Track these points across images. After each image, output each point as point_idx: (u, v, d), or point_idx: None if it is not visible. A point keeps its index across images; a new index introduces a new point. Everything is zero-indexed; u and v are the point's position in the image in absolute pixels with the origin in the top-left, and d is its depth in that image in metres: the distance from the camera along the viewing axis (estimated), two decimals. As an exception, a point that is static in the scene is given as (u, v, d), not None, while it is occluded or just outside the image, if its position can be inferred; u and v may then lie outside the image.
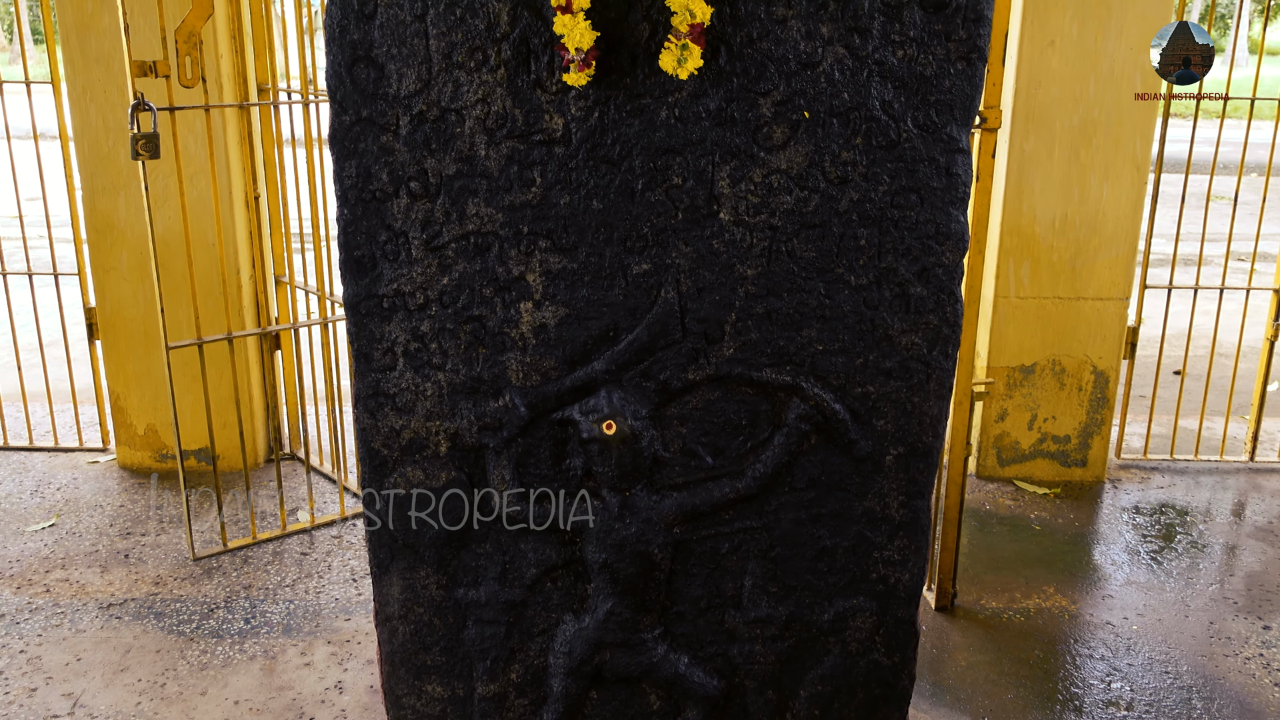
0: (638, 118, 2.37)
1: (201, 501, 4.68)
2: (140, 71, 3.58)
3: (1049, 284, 4.65)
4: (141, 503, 4.68)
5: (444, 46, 2.34)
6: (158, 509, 4.61)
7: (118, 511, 4.60)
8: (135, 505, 4.66)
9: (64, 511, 4.61)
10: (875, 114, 2.35)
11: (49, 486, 4.86)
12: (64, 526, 4.47)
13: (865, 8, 2.29)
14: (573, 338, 2.52)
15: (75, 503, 4.69)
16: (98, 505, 4.67)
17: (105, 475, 4.96)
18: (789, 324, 2.50)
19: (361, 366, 2.59)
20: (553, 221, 2.44)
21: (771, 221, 2.43)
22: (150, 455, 5.01)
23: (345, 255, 2.50)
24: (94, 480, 4.91)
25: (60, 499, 4.73)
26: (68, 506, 4.66)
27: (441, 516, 2.66)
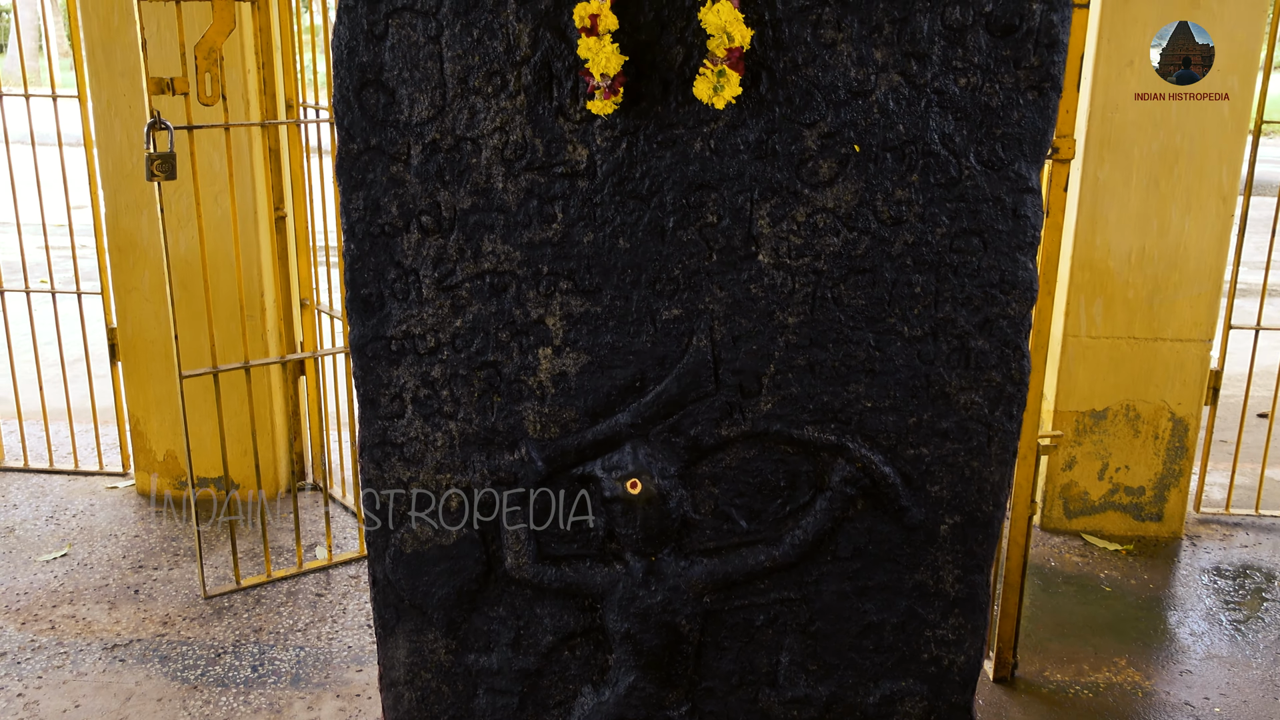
0: (669, 150, 2.20)
1: (219, 533, 4.58)
2: (157, 88, 3.48)
3: (1124, 323, 4.41)
4: (157, 533, 4.60)
5: (460, 70, 2.19)
6: (172, 540, 4.52)
7: (132, 542, 4.51)
8: (150, 536, 4.57)
9: (77, 540, 4.54)
10: (934, 148, 2.16)
11: (65, 513, 4.79)
12: (76, 557, 4.39)
13: (924, 31, 2.11)
14: (595, 388, 2.36)
15: (90, 531, 4.62)
16: (112, 534, 4.59)
17: (123, 502, 4.89)
18: (834, 378, 2.31)
19: (367, 413, 2.44)
20: (575, 261, 2.28)
21: (816, 265, 2.24)
22: (169, 482, 4.93)
23: (351, 293, 2.36)
24: (111, 507, 4.84)
25: (75, 527, 4.66)
26: (82, 535, 4.58)
27: (451, 576, 2.50)
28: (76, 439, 5.45)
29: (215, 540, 4.51)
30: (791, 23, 2.13)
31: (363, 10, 2.18)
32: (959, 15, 2.10)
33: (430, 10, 2.17)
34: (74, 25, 4.51)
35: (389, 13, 2.18)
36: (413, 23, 2.18)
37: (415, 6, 2.17)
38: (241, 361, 3.94)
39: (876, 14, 2.11)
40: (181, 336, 4.43)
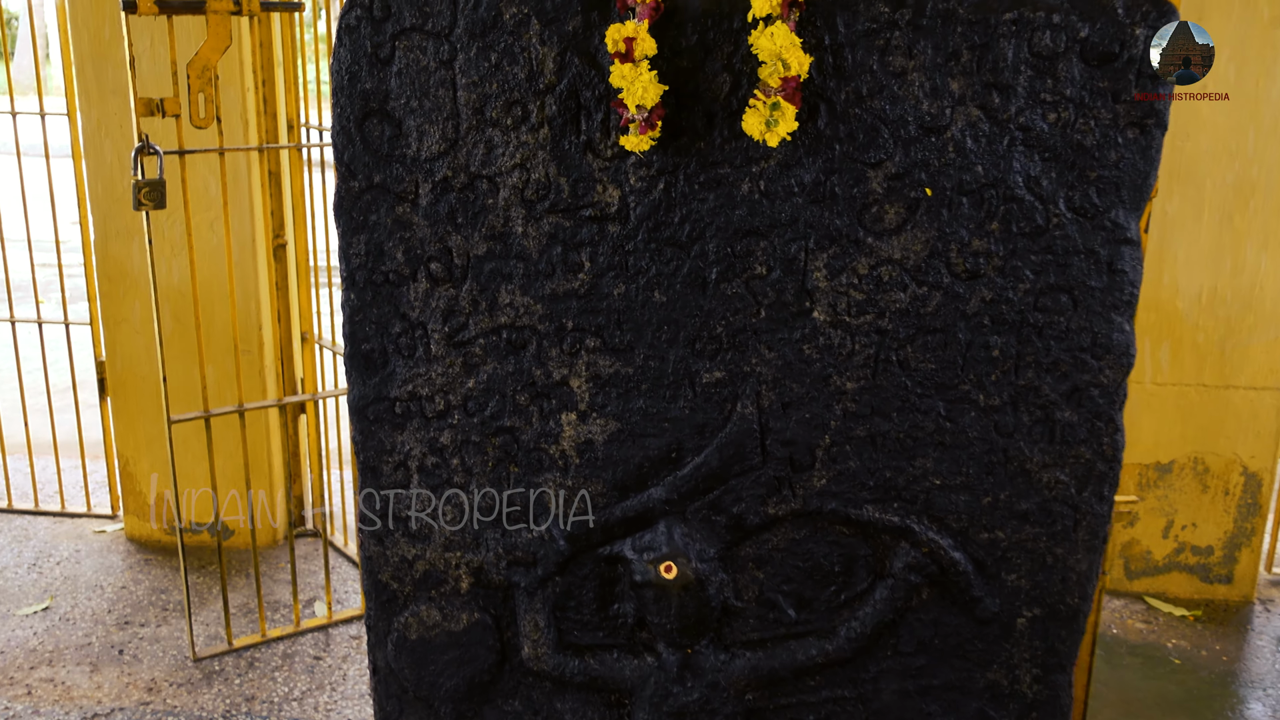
0: (712, 191, 1.97)
1: (211, 584, 4.35)
2: (146, 110, 3.27)
3: (1192, 369, 4.15)
4: (145, 584, 4.37)
5: (475, 99, 1.97)
6: (161, 593, 4.29)
7: (118, 594, 4.29)
8: (138, 587, 4.35)
9: (60, 592, 4.32)
10: (1017, 193, 1.93)
11: (48, 560, 4.57)
12: (58, 610, 4.17)
13: (1009, 59, 1.87)
14: (625, 458, 2.12)
15: (74, 581, 4.40)
16: (98, 586, 4.37)
17: (110, 549, 4.67)
18: (898, 451, 2.07)
19: (368, 482, 2.21)
20: (604, 316, 2.05)
21: (879, 324, 2.01)
22: (160, 527, 4.70)
23: (351, 349, 2.13)
24: (98, 554, 4.62)
25: (59, 576, 4.44)
26: (65, 586, 4.36)
27: (461, 666, 2.26)
28: (65, 476, 5.24)
29: (207, 592, 4.28)
30: (855, 48, 1.90)
31: (366, 31, 1.96)
32: (1049, 41, 1.87)
33: (442, 32, 1.95)
34: (64, 38, 4.32)
35: (396, 34, 1.96)
36: (422, 45, 1.96)
37: (425, 27, 1.95)
38: (235, 405, 3.72)
39: (954, 39, 1.88)
40: (174, 373, 4.23)
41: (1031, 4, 1.87)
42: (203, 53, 3.30)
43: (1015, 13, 1.87)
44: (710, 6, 1.90)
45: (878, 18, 1.88)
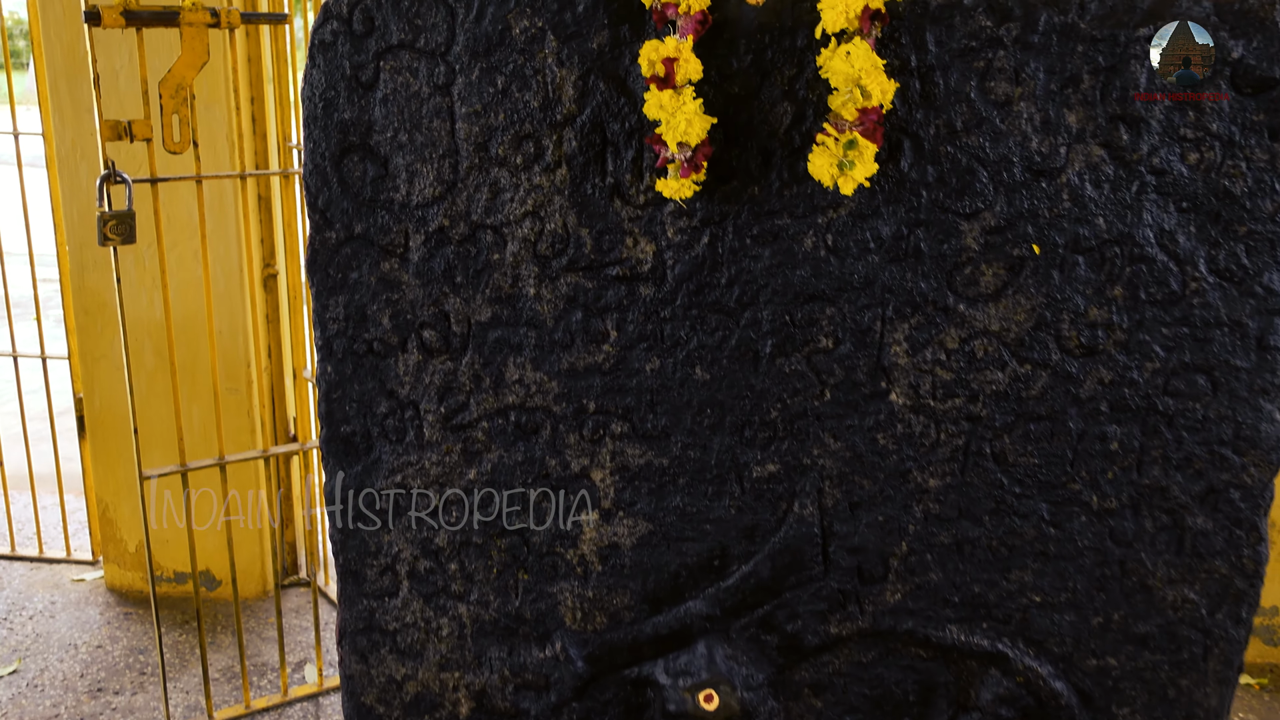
0: (768, 246, 1.58)
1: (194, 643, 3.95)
2: (113, 134, 2.88)
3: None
4: (124, 642, 3.98)
5: (478, 132, 1.58)
6: (140, 653, 3.90)
7: (93, 655, 3.89)
8: (115, 646, 3.95)
9: (31, 652, 3.92)
10: (1148, 251, 1.53)
11: (21, 614, 4.18)
12: (26, 674, 3.78)
13: (1141, 86, 1.48)
14: (658, 565, 1.72)
15: (46, 639, 4.00)
16: (71, 645, 3.97)
17: (88, 600, 4.28)
18: (990, 562, 1.67)
19: (350, 589, 1.81)
20: (633, 396, 1.65)
21: (971, 409, 1.61)
22: (142, 576, 4.31)
23: (329, 431, 1.74)
24: (74, 607, 4.23)
25: (30, 633, 4.05)
26: (37, 645, 3.97)
27: (457, 802, 1.87)
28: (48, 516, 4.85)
29: (190, 653, 3.89)
30: (948, 71, 1.50)
31: (344, 49, 1.57)
32: (1193, 64, 1.47)
33: (438, 50, 1.56)
34: (36, 51, 3.94)
35: (380, 52, 1.57)
36: (413, 66, 1.57)
37: (417, 44, 1.56)
38: (215, 457, 3.32)
39: (1072, 60, 1.48)
40: (158, 415, 3.85)
41: (1171, 17, 1.47)
42: (176, 69, 2.91)
43: (1151, 28, 1.47)
44: (769, 20, 1.51)
45: (978, 34, 1.49)
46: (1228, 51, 1.48)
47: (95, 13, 2.78)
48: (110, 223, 2.90)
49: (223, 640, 3.97)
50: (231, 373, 3.96)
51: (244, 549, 4.12)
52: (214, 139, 3.66)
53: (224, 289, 3.90)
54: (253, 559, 4.20)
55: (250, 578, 4.22)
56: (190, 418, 4.05)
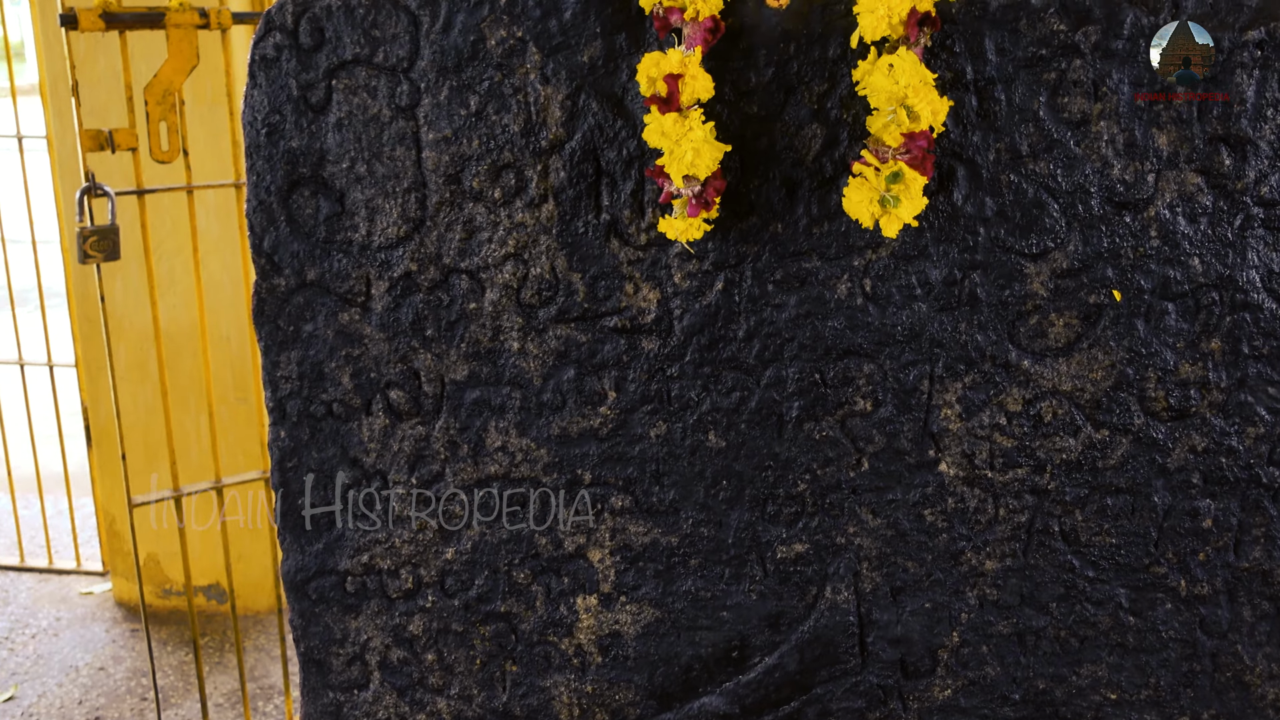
0: (794, 293, 1.29)
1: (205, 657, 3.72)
2: (94, 144, 2.61)
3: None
4: (127, 663, 3.75)
5: (448, 162, 1.30)
6: (143, 675, 3.67)
7: (94, 678, 3.67)
8: (118, 668, 3.73)
9: (30, 675, 3.70)
10: (1252, 297, 1.24)
11: (24, 631, 3.96)
12: (23, 701, 3.56)
13: (1249, 99, 1.18)
14: (667, 657, 1.45)
15: (47, 660, 3.78)
16: (72, 667, 3.75)
17: (95, 615, 4.05)
18: (1058, 655, 1.39)
19: (313, 680, 1.56)
20: (636, 466, 1.38)
21: (1036, 481, 1.32)
22: (152, 590, 4.08)
23: (284, 504, 1.47)
24: (79, 623, 4.01)
25: (31, 653, 3.83)
26: (37, 667, 3.75)
27: None
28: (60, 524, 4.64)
29: (191, 675, 3.66)
30: (1011, 85, 1.21)
31: (290, 66, 1.30)
32: (1314, 72, 1.17)
33: (399, 65, 1.28)
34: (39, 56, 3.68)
35: (332, 69, 1.29)
36: (371, 85, 1.29)
37: (375, 59, 1.28)
38: (211, 481, 3.07)
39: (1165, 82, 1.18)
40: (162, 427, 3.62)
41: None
42: (163, 74, 2.63)
43: (1262, 30, 1.17)
44: (794, 26, 1.22)
45: (1049, 40, 1.20)
46: (1356, 56, 1.17)
47: (71, 15, 2.51)
48: (91, 239, 2.64)
49: (230, 660, 3.74)
50: (240, 382, 3.72)
51: (254, 561, 3.89)
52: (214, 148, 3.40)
53: (231, 296, 3.65)
54: (265, 571, 3.96)
55: (263, 590, 3.98)
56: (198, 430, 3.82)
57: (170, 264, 3.68)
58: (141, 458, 3.98)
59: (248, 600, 3.94)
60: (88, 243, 2.65)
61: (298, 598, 1.52)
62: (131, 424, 3.94)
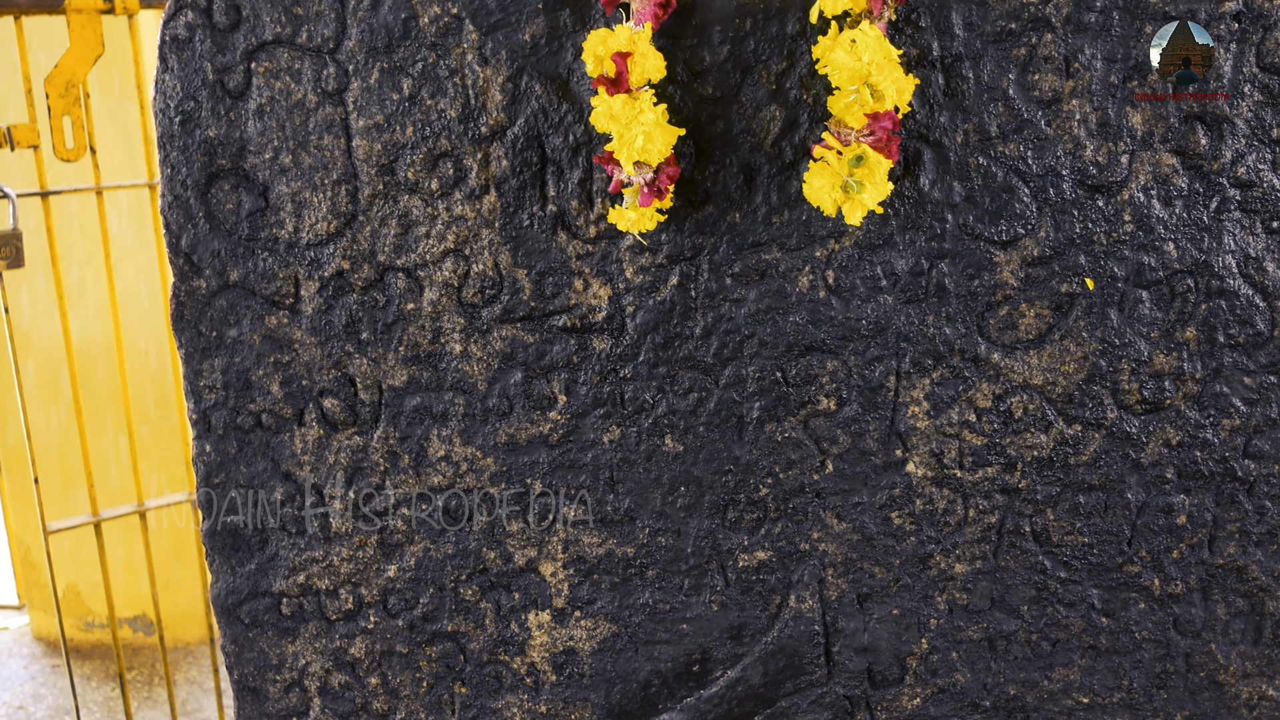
0: (754, 287, 1.20)
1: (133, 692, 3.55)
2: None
3: None
4: (48, 702, 3.56)
5: (380, 151, 1.19)
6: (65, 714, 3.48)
7: (12, 717, 3.47)
8: (39, 707, 3.53)
9: (-55, 711, 3.49)
10: (1229, 283, 1.17)
11: (-62, 665, 3.74)
12: (-64, 741, 3.36)
13: (1225, 74, 1.12)
14: (625, 673, 1.36)
15: (-36, 696, 3.57)
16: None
17: (11, 651, 3.84)
18: (1030, 659, 1.32)
19: (248, 710, 1.43)
20: (588, 473, 1.28)
21: (1006, 480, 1.25)
22: (73, 622, 3.88)
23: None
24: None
25: (-54, 688, 3.62)
26: (-47, 703, 3.54)
27: None
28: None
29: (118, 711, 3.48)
30: (979, 61, 1.13)
31: (205, 47, 1.18)
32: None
33: (324, 46, 1.17)
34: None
35: (251, 51, 1.18)
36: (294, 68, 1.18)
37: (298, 40, 1.17)
38: (133, 504, 2.91)
39: (1140, 45, 1.12)
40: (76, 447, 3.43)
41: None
42: (64, 65, 2.47)
43: (1239, 1, 1.11)
44: (750, 1, 1.13)
45: (1018, 13, 1.12)
46: (1332, 30, 1.12)
47: (-40, 3, 2.35)
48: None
49: (160, 694, 3.57)
50: (162, 399, 3.55)
51: (183, 589, 3.71)
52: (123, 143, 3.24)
53: (149, 306, 3.48)
54: (194, 599, 3.78)
55: (193, 620, 3.81)
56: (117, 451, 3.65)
57: (81, 272, 3.51)
58: (57, 482, 3.79)
59: (177, 631, 3.78)
60: (-8, 250, 2.50)
61: (229, 622, 1.40)
62: (45, 445, 3.75)
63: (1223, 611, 1.31)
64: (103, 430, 3.58)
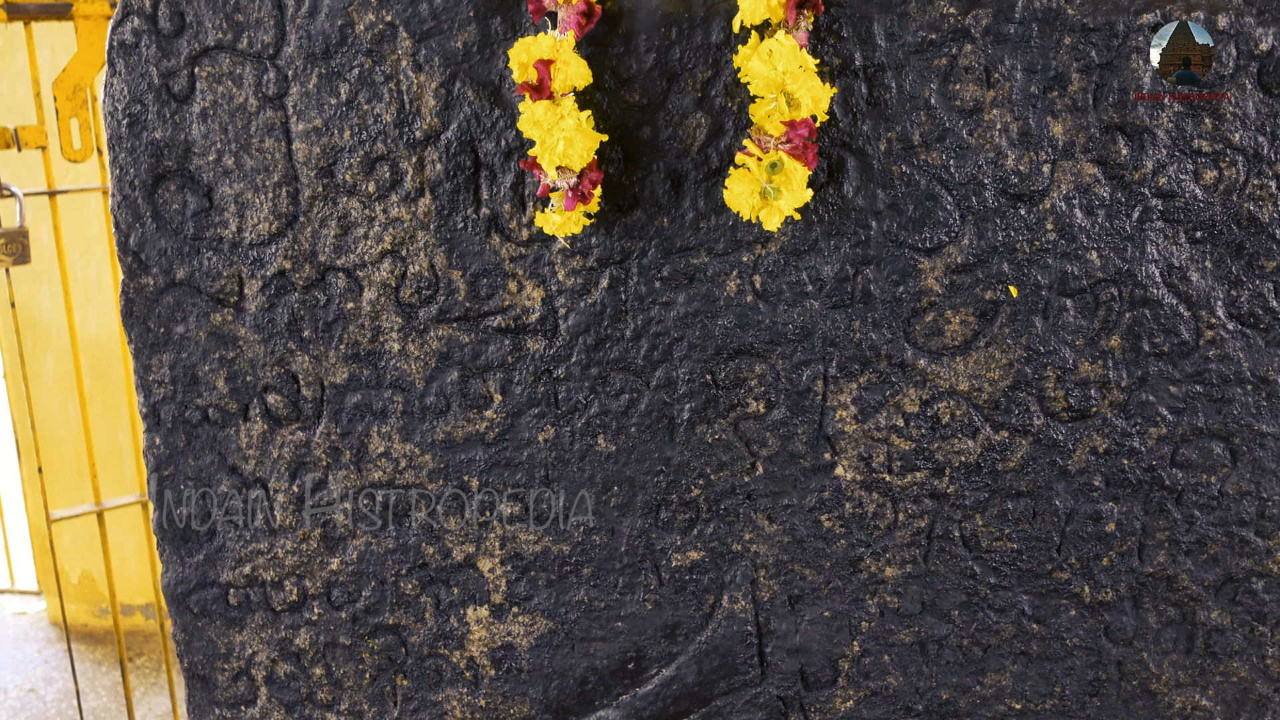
0: (682, 291, 1.21)
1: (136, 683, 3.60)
2: (0, 143, 2.51)
3: None
4: (59, 684, 3.62)
5: (319, 154, 1.21)
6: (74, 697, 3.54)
7: (23, 701, 3.54)
8: (50, 690, 3.59)
9: (-43, 697, 3.56)
10: (1152, 292, 1.17)
11: (-47, 651, 3.82)
12: (-52, 723, 3.42)
13: (1145, 87, 1.11)
14: (562, 669, 1.37)
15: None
16: (0, 689, 3.61)
17: (28, 636, 3.92)
18: (961, 664, 1.32)
19: (198, 696, 1.46)
20: (524, 471, 1.30)
21: (935, 485, 1.25)
22: (87, 609, 3.96)
23: (160, 513, 1.38)
24: (11, 644, 3.87)
25: (-40, 675, 3.69)
26: (-36, 687, 3.61)
27: None
28: None
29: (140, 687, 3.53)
30: (901, 71, 1.14)
31: (150, 52, 1.21)
32: (1210, 58, 1.11)
33: (265, 52, 1.19)
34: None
35: (195, 56, 1.20)
36: (236, 73, 1.20)
37: (239, 46, 1.19)
38: (136, 494, 2.96)
39: (1058, 56, 1.12)
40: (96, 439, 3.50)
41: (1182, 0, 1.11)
42: (71, 68, 2.53)
43: (1156, 13, 1.11)
44: (676, 9, 1.15)
45: (939, 24, 1.13)
46: (1255, 42, 1.11)
47: (-31, 8, 2.41)
48: None
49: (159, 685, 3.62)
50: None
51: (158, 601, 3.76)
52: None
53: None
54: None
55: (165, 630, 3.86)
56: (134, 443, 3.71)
57: (100, 269, 3.57)
58: (74, 471, 3.86)
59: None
60: (-2, 246, 2.55)
61: (179, 611, 1.42)
62: (63, 437, 3.82)
63: (1154, 620, 1.30)
64: (118, 422, 3.64)
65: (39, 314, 3.67)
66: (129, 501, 2.92)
